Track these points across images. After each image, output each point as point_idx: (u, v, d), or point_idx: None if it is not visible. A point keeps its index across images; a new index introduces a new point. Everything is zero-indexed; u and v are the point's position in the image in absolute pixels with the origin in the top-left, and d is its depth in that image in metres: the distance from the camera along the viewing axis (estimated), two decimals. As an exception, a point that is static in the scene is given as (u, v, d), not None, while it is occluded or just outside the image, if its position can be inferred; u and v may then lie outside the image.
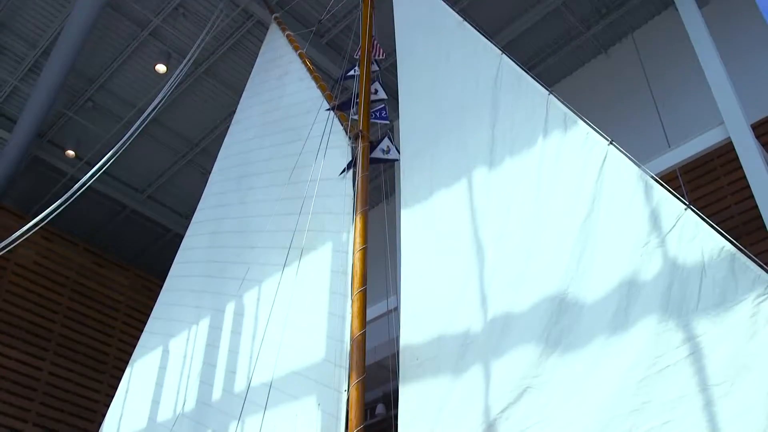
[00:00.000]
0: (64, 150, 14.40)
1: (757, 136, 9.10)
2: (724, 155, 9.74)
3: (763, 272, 4.25)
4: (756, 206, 8.61)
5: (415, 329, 5.86)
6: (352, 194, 7.23)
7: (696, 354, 4.30)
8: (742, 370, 4.10)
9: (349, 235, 6.98)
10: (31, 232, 9.15)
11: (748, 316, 4.20)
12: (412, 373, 5.64)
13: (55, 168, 14.66)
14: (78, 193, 9.30)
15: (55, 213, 9.13)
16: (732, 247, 4.43)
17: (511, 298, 5.33)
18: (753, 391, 4.01)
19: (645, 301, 4.65)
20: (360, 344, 6.16)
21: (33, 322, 13.31)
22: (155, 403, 8.15)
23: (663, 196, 4.90)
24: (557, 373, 4.79)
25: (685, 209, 4.74)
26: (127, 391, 8.79)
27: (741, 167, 8.88)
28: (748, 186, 8.75)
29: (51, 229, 13.77)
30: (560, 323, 4.94)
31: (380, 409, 11.60)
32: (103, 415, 9.05)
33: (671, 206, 4.83)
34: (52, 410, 12.95)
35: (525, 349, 5.02)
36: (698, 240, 4.58)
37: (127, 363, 9.21)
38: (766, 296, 4.18)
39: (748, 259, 4.34)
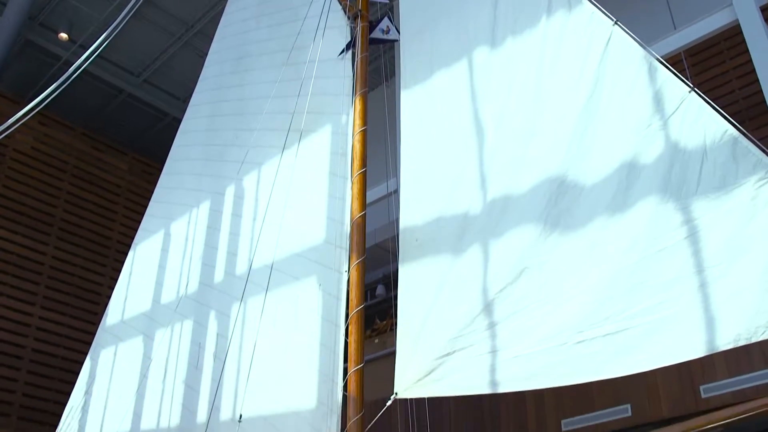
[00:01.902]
0: (57, 33, 14.09)
1: (766, 20, 8.89)
2: (731, 38, 9.55)
3: (764, 156, 4.22)
4: (761, 91, 8.50)
5: (414, 211, 5.88)
6: (352, 75, 7.13)
7: (694, 236, 4.32)
8: (739, 252, 4.13)
9: (349, 117, 6.92)
10: (27, 117, 9.04)
11: (748, 199, 4.20)
12: (411, 255, 5.69)
13: (49, 52, 14.39)
14: (73, 77, 9.13)
15: (51, 97, 9.00)
16: (734, 130, 4.39)
17: (511, 179, 5.32)
18: (749, 273, 4.05)
19: (645, 184, 4.65)
20: (360, 226, 6.20)
21: (34, 208, 13.39)
22: (158, 284, 8.28)
23: (667, 79, 4.81)
24: (555, 254, 4.83)
25: (689, 92, 4.67)
26: (130, 274, 8.91)
27: (748, 51, 8.72)
28: (754, 70, 8.62)
29: (48, 114, 13.67)
30: (559, 205, 4.95)
31: (380, 290, 11.80)
32: (108, 298, 9.22)
33: (675, 89, 4.75)
34: (58, 293, 13.20)
35: (524, 230, 5.04)
36: (701, 123, 4.54)
37: (129, 246, 9.31)
38: (766, 180, 4.17)
39: (750, 143, 4.31)
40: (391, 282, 6.50)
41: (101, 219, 14.32)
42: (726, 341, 4.00)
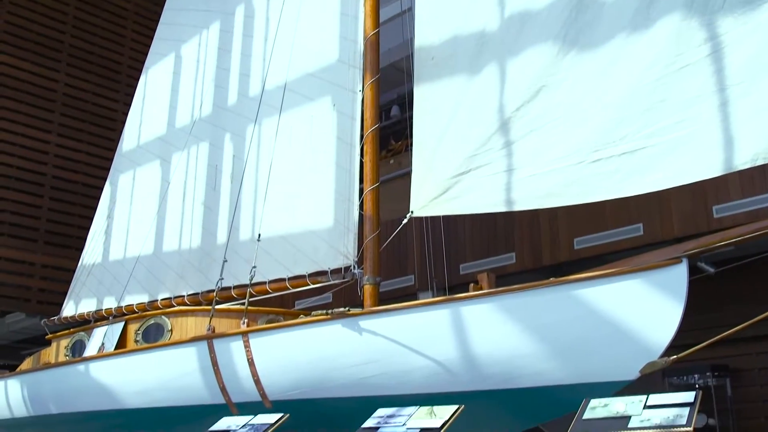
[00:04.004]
0: None
1: None
2: None
3: (797, -29, 4.01)
4: None
5: (430, 28, 5.67)
6: None
7: (717, 53, 4.17)
8: (762, 70, 3.99)
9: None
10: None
11: (776, 16, 4.03)
12: (427, 73, 5.56)
13: None
14: None
15: None
16: (768, -59, 4.14)
17: (530, -7, 5.12)
18: (771, 92, 3.95)
19: (668, -1, 4.46)
20: (373, 44, 6.05)
21: (42, 34, 13.15)
22: (172, 108, 8.26)
23: None
24: (573, 72, 4.71)
25: None
26: (143, 98, 8.88)
27: None
28: None
29: (45, -63, 13.17)
30: (579, 21, 4.76)
31: (395, 110, 11.62)
32: (123, 123, 9.24)
33: None
34: (73, 120, 13.23)
35: (542, 47, 4.88)
36: (731, -66, 4.28)
37: (140, 71, 9.22)
38: (796, -10, 3.98)
39: (784, -45, 4.09)
40: (406, 103, 6.40)
41: (110, 44, 14.09)
42: (744, 160, 3.93)
